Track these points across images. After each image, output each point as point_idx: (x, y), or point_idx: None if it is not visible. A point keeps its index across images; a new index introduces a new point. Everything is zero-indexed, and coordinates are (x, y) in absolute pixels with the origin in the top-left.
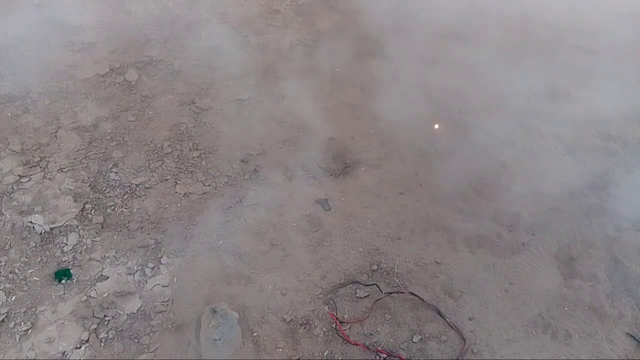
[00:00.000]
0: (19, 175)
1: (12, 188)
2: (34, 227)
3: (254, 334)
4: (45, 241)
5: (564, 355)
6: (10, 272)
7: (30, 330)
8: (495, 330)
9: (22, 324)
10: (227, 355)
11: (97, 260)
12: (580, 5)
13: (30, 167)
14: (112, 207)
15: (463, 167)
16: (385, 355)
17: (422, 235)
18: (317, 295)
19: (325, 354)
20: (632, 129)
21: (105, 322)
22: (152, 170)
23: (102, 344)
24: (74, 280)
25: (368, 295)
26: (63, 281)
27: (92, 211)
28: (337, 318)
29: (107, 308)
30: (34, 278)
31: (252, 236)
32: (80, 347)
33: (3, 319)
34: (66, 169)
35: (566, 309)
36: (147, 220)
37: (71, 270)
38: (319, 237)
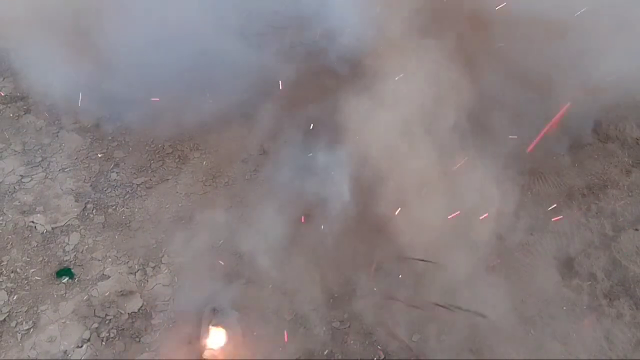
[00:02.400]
0: (21, 175)
1: (14, 188)
2: (35, 227)
3: (254, 334)
4: (47, 241)
5: (562, 355)
6: (12, 272)
7: (31, 330)
8: (494, 329)
9: (24, 323)
10: (228, 355)
11: (99, 260)
12: None
13: (32, 167)
14: (114, 207)
15: None
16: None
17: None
18: (317, 294)
19: (325, 353)
20: None
21: (107, 321)
22: (154, 170)
23: (103, 343)
24: (76, 280)
25: (368, 296)
26: (65, 280)
27: (94, 211)
28: None
29: (109, 307)
30: (36, 277)
31: (252, 236)
32: (81, 346)
33: (5, 319)
34: (67, 169)
35: (564, 308)
36: (149, 220)
37: (73, 270)
38: (318, 237)
